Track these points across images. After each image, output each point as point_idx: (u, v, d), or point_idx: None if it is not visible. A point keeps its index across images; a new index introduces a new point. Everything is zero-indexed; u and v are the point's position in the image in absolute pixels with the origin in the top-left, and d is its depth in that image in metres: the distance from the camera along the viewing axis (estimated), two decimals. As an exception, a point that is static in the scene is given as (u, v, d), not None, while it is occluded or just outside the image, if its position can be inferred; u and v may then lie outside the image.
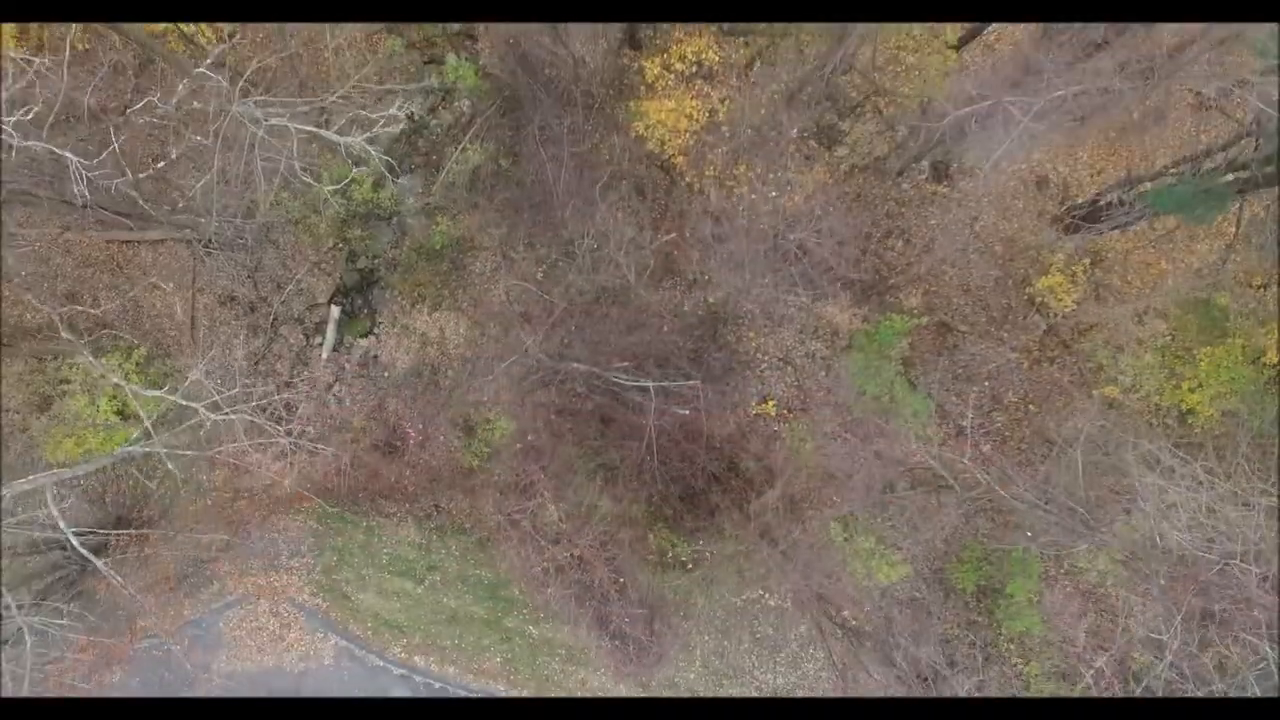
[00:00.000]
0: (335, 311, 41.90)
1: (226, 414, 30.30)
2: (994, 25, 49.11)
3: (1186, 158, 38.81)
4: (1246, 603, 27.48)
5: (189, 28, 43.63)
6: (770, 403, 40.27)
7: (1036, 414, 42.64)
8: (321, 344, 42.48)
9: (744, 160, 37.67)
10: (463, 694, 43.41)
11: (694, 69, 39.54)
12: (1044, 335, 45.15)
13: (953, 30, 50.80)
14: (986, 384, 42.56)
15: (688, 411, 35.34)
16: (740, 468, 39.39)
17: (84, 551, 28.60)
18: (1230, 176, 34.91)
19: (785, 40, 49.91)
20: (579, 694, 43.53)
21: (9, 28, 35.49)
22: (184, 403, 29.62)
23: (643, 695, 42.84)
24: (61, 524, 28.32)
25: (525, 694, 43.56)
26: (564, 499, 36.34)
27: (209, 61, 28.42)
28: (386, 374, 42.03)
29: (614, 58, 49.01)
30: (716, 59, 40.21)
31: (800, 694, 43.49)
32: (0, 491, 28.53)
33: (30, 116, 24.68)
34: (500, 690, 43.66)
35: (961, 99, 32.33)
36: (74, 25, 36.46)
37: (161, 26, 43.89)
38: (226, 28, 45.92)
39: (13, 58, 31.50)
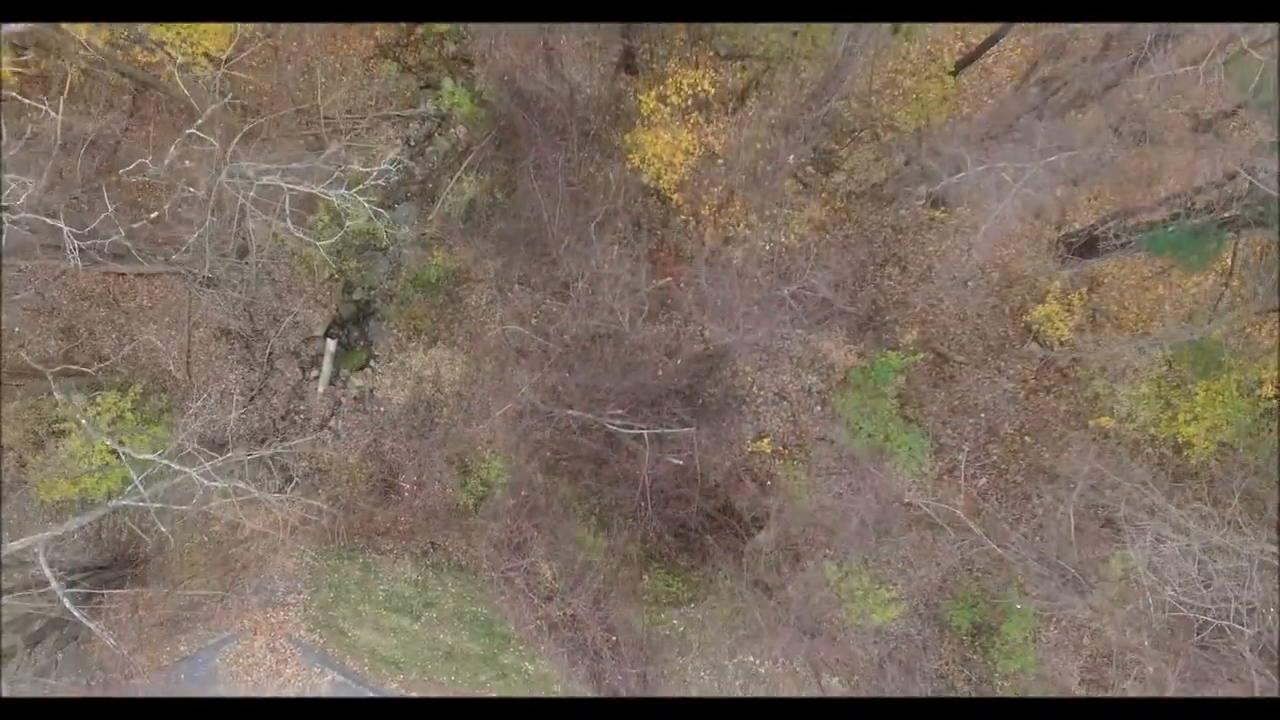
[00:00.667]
0: (331, 345, 41.88)
1: (218, 483, 30.20)
2: (991, 49, 48.78)
3: (1180, 194, 38.68)
4: (1241, 660, 27.43)
5: (184, 55, 43.47)
6: (765, 440, 40.27)
7: (1033, 445, 42.63)
8: (317, 377, 42.43)
9: (739, 197, 37.57)
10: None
11: (690, 101, 39.26)
12: (1041, 364, 45.08)
13: (950, 54, 50.78)
14: (983, 415, 42.53)
15: (681, 461, 35.31)
16: (735, 509, 39.42)
17: (78, 615, 28.61)
18: (1226, 215, 34.83)
19: (783, 65, 49.78)
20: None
21: (7, 67, 35.41)
22: (178, 468, 29.59)
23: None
24: (55, 584, 28.33)
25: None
26: (557, 556, 36.37)
27: (199, 122, 28.34)
28: (382, 409, 42.06)
29: (610, 83, 48.91)
30: (713, 91, 39.93)
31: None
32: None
33: (23, 200, 24.62)
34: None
35: (951, 165, 32.24)
36: (71, 65, 36.46)
37: (158, 55, 43.79)
38: (221, 49, 45.74)
39: (13, 94, 31.52)
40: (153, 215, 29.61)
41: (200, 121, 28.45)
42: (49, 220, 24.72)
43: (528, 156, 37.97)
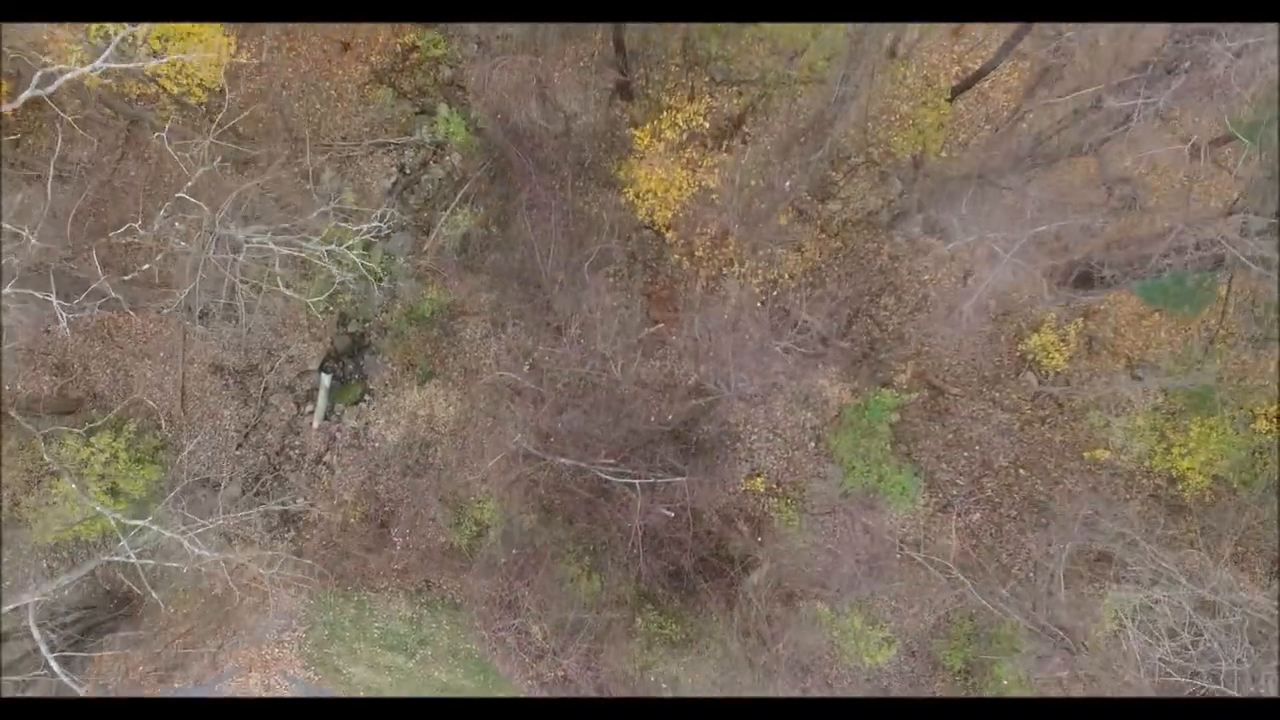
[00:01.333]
0: (326, 380, 41.84)
1: (207, 553, 30.18)
2: (989, 74, 48.54)
3: (1174, 229, 38.45)
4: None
5: (178, 86, 43.40)
6: (759, 479, 40.25)
7: (1028, 478, 42.61)
8: (312, 412, 42.41)
9: (734, 236, 37.47)
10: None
11: (685, 136, 39.13)
12: (1036, 394, 45.03)
13: (947, 78, 50.60)
14: (977, 449, 42.51)
15: (672, 513, 35.29)
16: (728, 551, 39.39)
17: (68, 680, 28.63)
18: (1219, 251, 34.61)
19: (779, 91, 49.69)
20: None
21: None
22: (167, 534, 29.59)
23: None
24: (43, 649, 28.35)
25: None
26: (548, 615, 36.39)
27: (190, 185, 28.26)
28: (377, 444, 42.03)
29: (605, 109, 48.79)
30: (708, 126, 39.79)
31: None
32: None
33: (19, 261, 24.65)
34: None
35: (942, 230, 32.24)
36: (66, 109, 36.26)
37: (153, 88, 43.70)
38: (214, 80, 45.63)
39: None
40: (144, 267, 29.54)
41: (190, 184, 28.26)
42: (38, 294, 24.69)
43: (521, 193, 37.97)
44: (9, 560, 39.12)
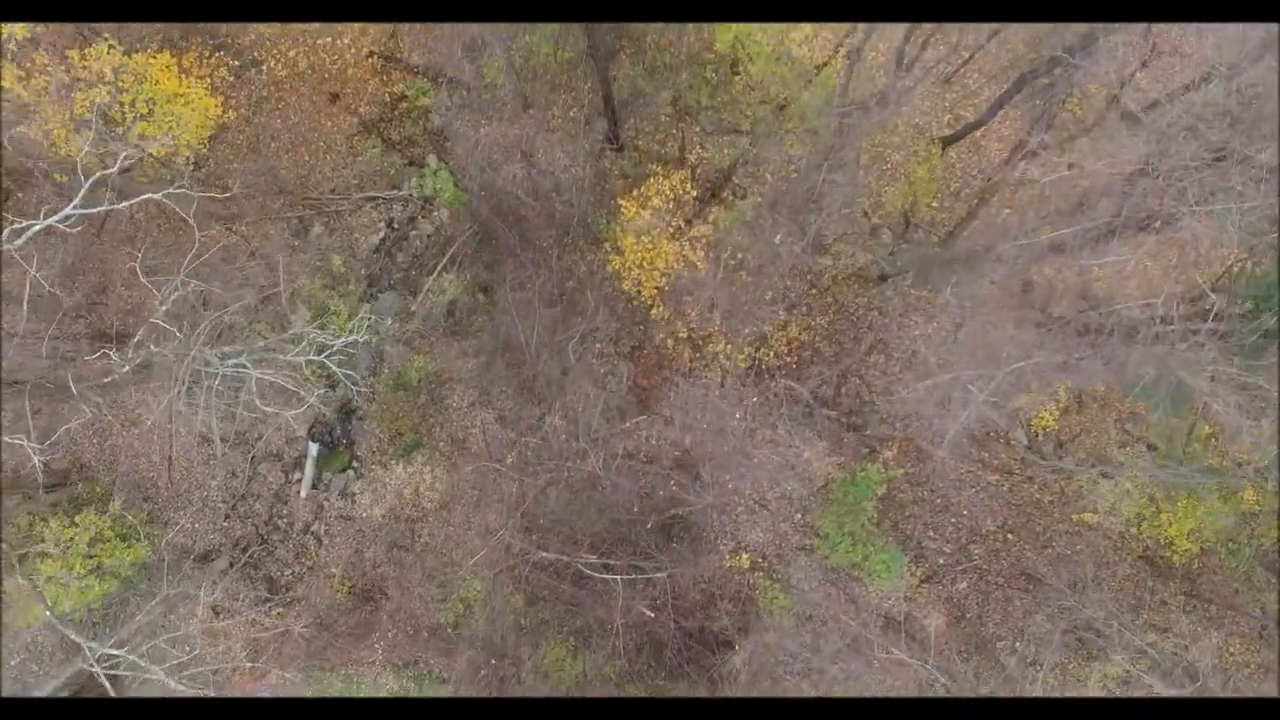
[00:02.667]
0: (313, 449, 41.78)
1: (187, 688, 30.21)
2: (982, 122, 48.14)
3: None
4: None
5: (165, 147, 43.18)
6: (744, 555, 40.12)
7: (1015, 542, 42.53)
8: (300, 480, 42.34)
9: (719, 310, 37.24)
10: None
11: (671, 204, 38.86)
12: (1025, 451, 44.90)
13: (938, 126, 50.28)
14: (964, 513, 42.45)
15: (652, 614, 35.26)
16: (712, 631, 39.32)
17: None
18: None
19: (769, 139, 49.33)
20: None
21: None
22: (146, 666, 29.56)
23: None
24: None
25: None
26: (535, 694, 36.33)
27: (163, 309, 28.12)
28: (365, 515, 41.96)
29: (595, 160, 48.50)
30: (694, 194, 39.55)
31: None
32: None
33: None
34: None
35: (923, 371, 32.35)
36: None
37: (141, 156, 43.42)
38: (201, 141, 45.40)
39: None
40: (123, 370, 29.45)
41: (163, 308, 28.14)
42: (9, 439, 24.67)
43: (506, 264, 37.75)
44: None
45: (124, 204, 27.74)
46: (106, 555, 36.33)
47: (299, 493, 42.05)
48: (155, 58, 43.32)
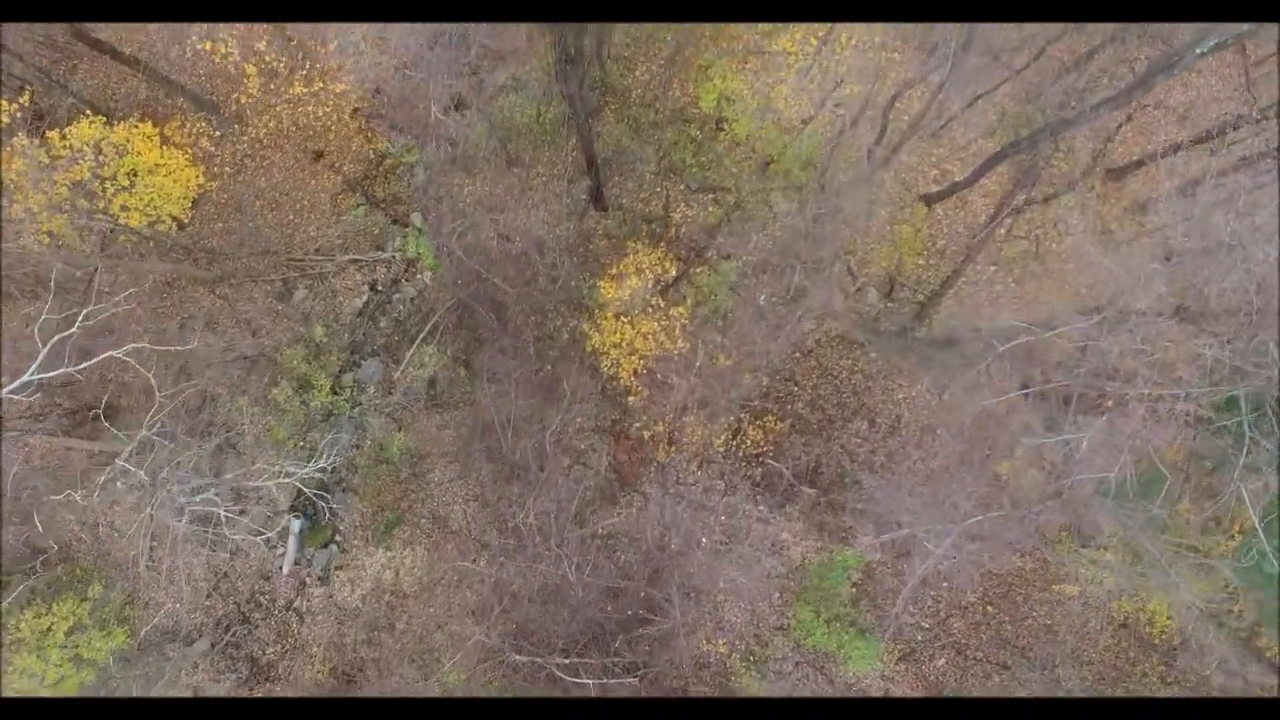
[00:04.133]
0: (295, 525, 42.03)
1: None
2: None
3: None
4: None
5: (148, 216, 43.30)
6: (721, 642, 40.19)
7: (995, 615, 42.61)
8: (283, 555, 42.59)
9: (696, 399, 37.25)
10: None
11: (651, 283, 38.86)
12: (1009, 518, 44.83)
13: (925, 181, 50.05)
14: (945, 586, 42.45)
15: None
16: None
17: None
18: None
19: (755, 197, 49.20)
20: None
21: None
22: None
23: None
24: None
25: None
26: None
27: (129, 450, 28.25)
28: (346, 593, 42.17)
29: (579, 220, 48.42)
30: (674, 272, 39.55)
31: None
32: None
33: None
34: None
35: (884, 525, 32.72)
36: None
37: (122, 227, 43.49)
38: (184, 211, 45.45)
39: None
40: (94, 495, 29.65)
41: (130, 447, 28.28)
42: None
43: (483, 351, 37.80)
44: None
45: (84, 364, 27.68)
46: (85, 646, 36.58)
47: (281, 569, 42.31)
48: (137, 127, 43.40)
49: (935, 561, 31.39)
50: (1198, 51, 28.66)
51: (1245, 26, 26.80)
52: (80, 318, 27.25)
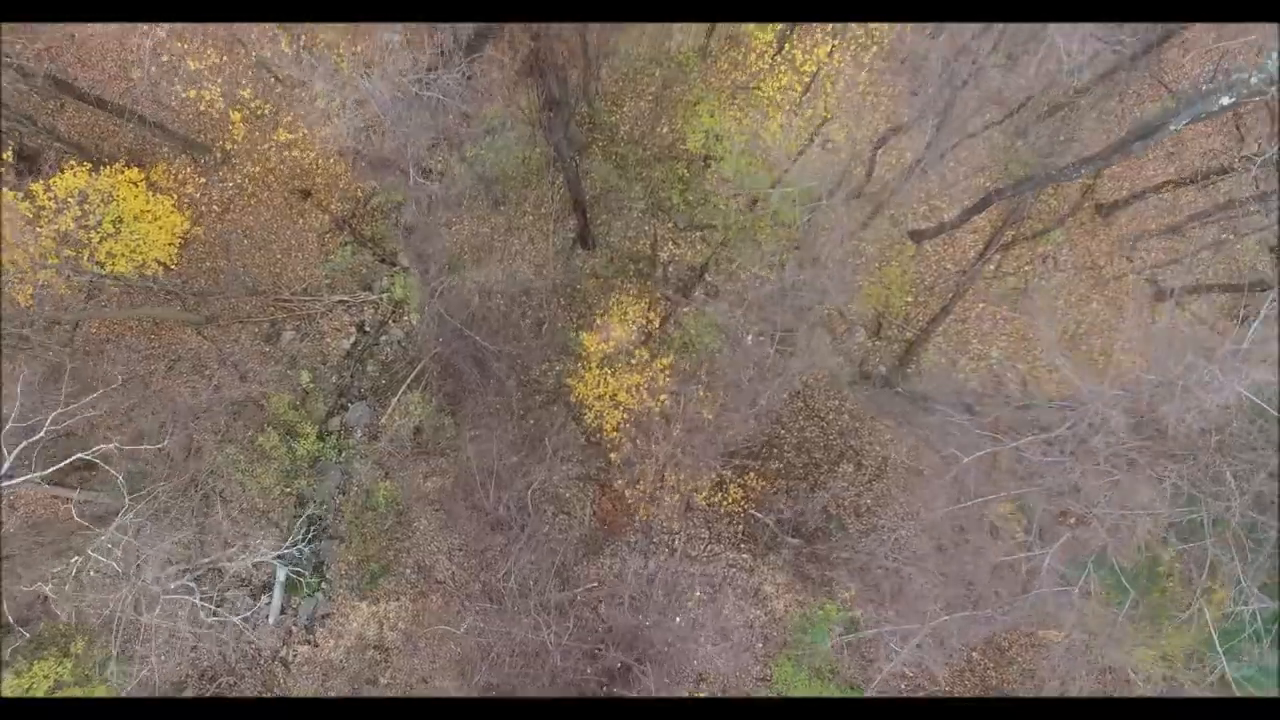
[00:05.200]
0: (281, 574, 42.16)
1: None
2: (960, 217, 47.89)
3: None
4: None
5: (133, 264, 43.34)
6: (704, 695, 40.38)
7: (980, 661, 42.74)
8: (269, 604, 42.75)
9: (675, 461, 37.31)
10: None
11: (635, 334, 38.87)
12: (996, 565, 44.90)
13: (913, 217, 49.98)
14: (928, 635, 42.51)
15: None
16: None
17: None
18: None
19: (742, 236, 49.13)
20: None
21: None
22: None
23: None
24: None
25: None
26: None
27: (103, 538, 28.36)
28: (332, 643, 42.35)
29: (565, 260, 48.39)
30: (658, 324, 39.57)
31: None
32: None
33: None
34: None
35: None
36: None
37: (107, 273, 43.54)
38: (170, 258, 45.47)
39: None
40: (65, 586, 29.83)
41: (103, 537, 28.44)
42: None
43: (467, 405, 37.87)
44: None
45: (51, 469, 27.82)
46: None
47: (267, 618, 42.49)
48: (123, 173, 43.44)
49: (899, 663, 31.50)
50: (1172, 128, 28.56)
51: (1228, 100, 26.65)
52: (48, 421, 27.35)
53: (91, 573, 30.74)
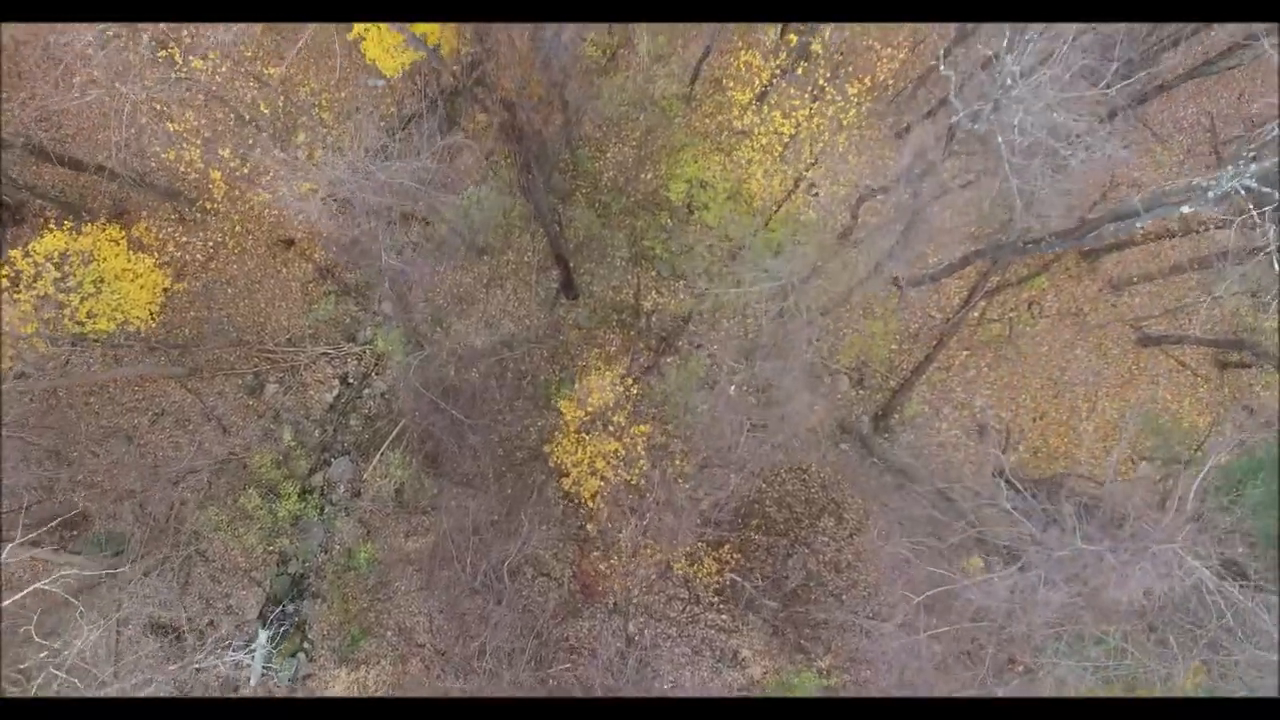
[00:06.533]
0: (263, 637, 42.33)
1: None
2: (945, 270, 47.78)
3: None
4: None
5: (114, 322, 43.39)
6: None
7: (961, 718, 42.82)
8: (250, 666, 42.99)
9: (652, 532, 37.37)
10: None
11: (613, 400, 38.83)
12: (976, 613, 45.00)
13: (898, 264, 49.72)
14: (912, 688, 42.66)
15: None
16: None
17: None
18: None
19: (726, 284, 49.00)
20: None
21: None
22: None
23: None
24: None
25: None
26: None
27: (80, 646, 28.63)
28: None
29: (549, 309, 48.40)
30: (636, 390, 39.57)
31: None
32: None
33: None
34: None
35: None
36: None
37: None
38: (151, 317, 45.52)
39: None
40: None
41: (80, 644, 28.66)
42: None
43: (448, 465, 37.94)
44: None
45: (10, 599, 28.06)
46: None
47: (249, 680, 42.72)
48: (105, 230, 43.41)
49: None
50: (1138, 226, 28.44)
51: (1186, 209, 26.56)
52: (4, 553, 27.52)
53: (56, 688, 30.98)
